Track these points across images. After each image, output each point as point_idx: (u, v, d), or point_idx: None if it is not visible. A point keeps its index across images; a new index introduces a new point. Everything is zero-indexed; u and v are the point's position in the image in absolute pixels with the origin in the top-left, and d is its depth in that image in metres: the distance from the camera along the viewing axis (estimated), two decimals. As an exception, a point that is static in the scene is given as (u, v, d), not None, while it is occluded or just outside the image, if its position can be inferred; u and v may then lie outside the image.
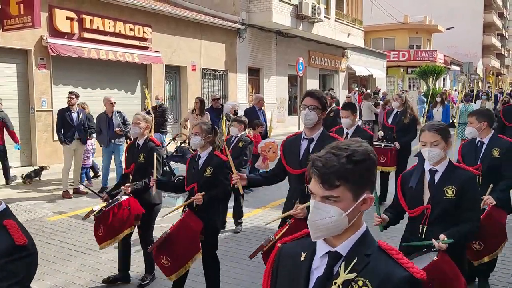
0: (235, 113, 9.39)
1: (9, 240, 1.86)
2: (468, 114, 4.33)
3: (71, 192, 8.30)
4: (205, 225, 3.82)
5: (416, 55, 35.53)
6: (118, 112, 8.64)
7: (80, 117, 8.39)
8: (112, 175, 8.60)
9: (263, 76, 18.88)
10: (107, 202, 4.43)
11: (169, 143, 10.18)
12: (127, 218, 4.26)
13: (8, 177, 9.10)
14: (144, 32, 13.37)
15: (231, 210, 6.33)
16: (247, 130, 6.93)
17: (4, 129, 8.95)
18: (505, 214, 4.00)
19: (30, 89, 10.81)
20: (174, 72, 15.15)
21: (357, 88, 24.25)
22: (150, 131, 4.70)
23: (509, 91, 15.79)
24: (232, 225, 6.37)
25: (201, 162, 3.97)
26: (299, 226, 3.04)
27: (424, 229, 2.94)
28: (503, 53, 59.45)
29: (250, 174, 4.54)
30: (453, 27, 37.15)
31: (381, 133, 7.70)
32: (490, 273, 4.45)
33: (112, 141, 8.48)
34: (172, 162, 8.80)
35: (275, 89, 19.53)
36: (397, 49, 36.09)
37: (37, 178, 9.34)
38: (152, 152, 4.36)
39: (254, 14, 17.47)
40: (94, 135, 8.94)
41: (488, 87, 32.45)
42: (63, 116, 8.30)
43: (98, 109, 9.34)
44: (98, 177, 9.46)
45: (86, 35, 11.75)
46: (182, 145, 9.31)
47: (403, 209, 3.11)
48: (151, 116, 4.78)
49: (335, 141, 1.51)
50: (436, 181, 2.95)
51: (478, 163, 4.07)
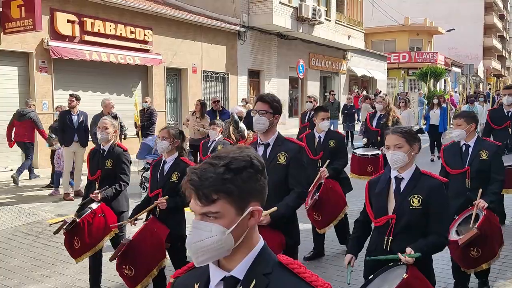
0: (240, 118, 9.37)
1: None
2: (455, 116, 4.23)
3: (72, 195, 8.32)
4: (171, 232, 3.70)
5: (417, 57, 35.54)
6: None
7: (81, 120, 8.41)
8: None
9: (264, 78, 18.91)
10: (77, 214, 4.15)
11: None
12: (104, 226, 4.06)
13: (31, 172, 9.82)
14: (145, 35, 13.41)
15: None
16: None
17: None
18: (497, 218, 3.91)
19: (32, 92, 10.84)
20: (175, 75, 15.18)
21: (357, 90, 24.28)
22: (117, 136, 4.50)
23: (497, 92, 15.80)
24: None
25: (167, 168, 3.85)
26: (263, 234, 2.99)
27: (389, 241, 2.76)
28: (504, 55, 59.42)
29: None
30: (454, 29, 37.14)
31: (365, 141, 7.44)
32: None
33: None
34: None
35: (276, 91, 19.51)
36: (398, 51, 36.07)
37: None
38: (121, 158, 4.22)
39: (255, 17, 17.51)
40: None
41: (489, 89, 32.44)
42: (64, 119, 8.33)
43: (99, 112, 9.35)
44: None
45: (87, 38, 11.79)
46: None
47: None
48: (118, 121, 4.50)
49: (224, 149, 1.33)
50: (402, 189, 2.78)
51: (466, 166, 4.01)
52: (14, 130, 9.09)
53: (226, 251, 1.26)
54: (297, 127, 18.62)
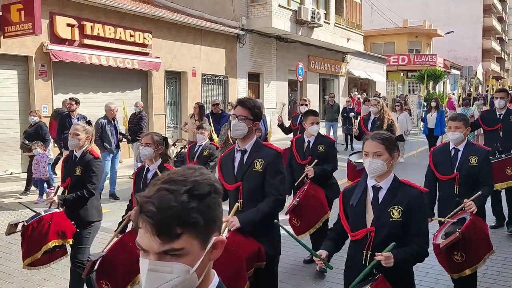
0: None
1: None
2: (453, 118, 4.06)
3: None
4: None
5: (416, 59, 35.64)
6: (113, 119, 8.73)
7: (81, 123, 8.43)
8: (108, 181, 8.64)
9: (263, 81, 18.93)
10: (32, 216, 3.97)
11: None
12: (45, 235, 3.81)
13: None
14: (145, 38, 13.43)
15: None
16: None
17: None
18: (487, 225, 3.85)
19: (31, 96, 10.85)
20: (175, 78, 15.20)
21: (356, 93, 24.29)
22: (91, 142, 4.19)
23: (485, 94, 15.72)
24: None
25: (150, 176, 3.71)
26: (236, 240, 2.93)
27: (368, 256, 2.58)
28: (503, 57, 59.58)
29: None
30: (453, 31, 37.23)
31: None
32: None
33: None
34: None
35: (275, 94, 19.57)
36: (397, 54, 36.18)
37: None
38: (89, 165, 4.00)
39: (254, 20, 17.55)
40: (51, 144, 8.80)
41: (487, 91, 32.48)
42: (64, 122, 8.34)
43: (99, 115, 9.36)
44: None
45: (87, 42, 11.80)
46: (183, 150, 9.32)
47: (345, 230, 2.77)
48: (92, 126, 4.28)
49: (167, 173, 1.13)
50: (380, 200, 2.61)
51: (455, 172, 3.93)
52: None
53: None
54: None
